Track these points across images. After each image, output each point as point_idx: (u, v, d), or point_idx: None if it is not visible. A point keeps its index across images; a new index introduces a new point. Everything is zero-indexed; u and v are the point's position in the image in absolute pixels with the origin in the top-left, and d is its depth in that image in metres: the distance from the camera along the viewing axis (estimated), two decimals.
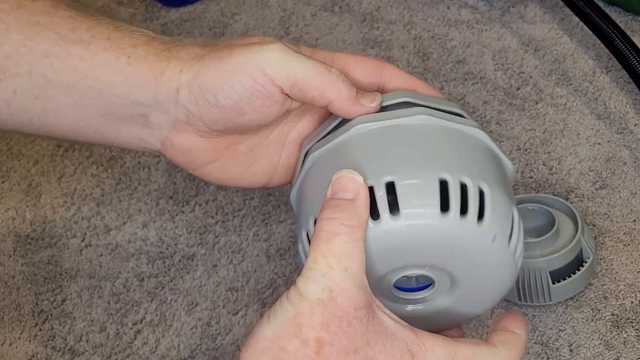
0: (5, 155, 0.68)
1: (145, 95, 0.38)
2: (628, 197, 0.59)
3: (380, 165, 0.37)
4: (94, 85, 0.38)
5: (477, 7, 0.76)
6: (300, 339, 0.33)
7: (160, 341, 0.55)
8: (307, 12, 0.77)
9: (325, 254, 0.34)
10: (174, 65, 0.38)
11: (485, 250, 0.38)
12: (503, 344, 0.37)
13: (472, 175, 0.37)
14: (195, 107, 0.38)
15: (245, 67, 0.37)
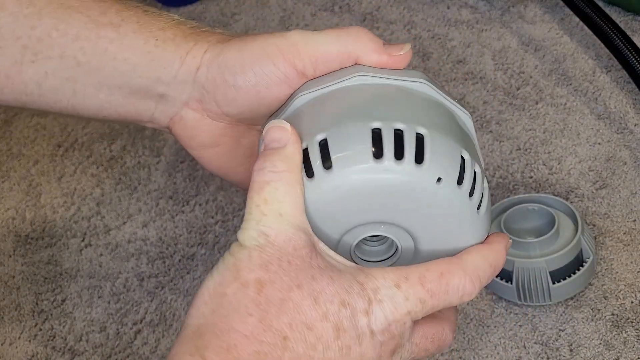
0: (5, 155, 0.68)
1: (168, 74, 0.39)
2: (628, 197, 0.59)
3: (313, 126, 0.36)
4: (120, 67, 0.39)
5: (477, 7, 0.76)
6: (239, 282, 0.33)
7: (160, 341, 0.55)
8: (307, 12, 0.77)
9: (258, 203, 0.33)
10: (200, 46, 0.39)
11: (431, 195, 0.36)
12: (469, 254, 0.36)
13: (407, 121, 0.36)
14: (212, 86, 0.38)
15: (267, 51, 0.37)
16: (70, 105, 0.40)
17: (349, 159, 0.35)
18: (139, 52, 0.38)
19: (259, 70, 0.37)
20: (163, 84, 0.39)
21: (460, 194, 0.36)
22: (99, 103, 0.40)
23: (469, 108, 0.67)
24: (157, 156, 0.66)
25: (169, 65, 0.39)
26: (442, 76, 0.70)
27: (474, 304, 0.55)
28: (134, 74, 0.39)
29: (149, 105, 0.40)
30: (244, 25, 0.77)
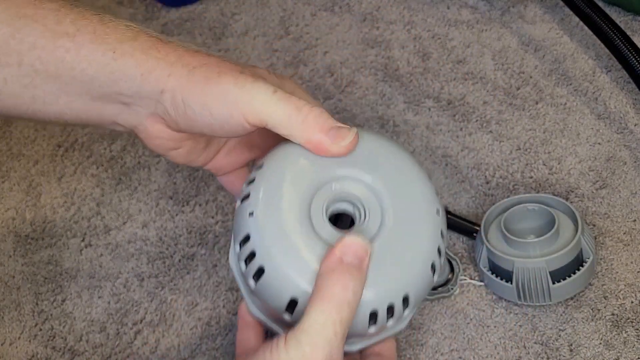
0: (5, 156, 0.68)
1: (129, 89, 0.40)
2: (628, 197, 0.59)
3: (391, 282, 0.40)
4: (79, 77, 0.40)
5: (477, 7, 0.76)
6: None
7: (160, 341, 0.55)
8: (307, 12, 0.77)
9: (335, 321, 0.35)
10: (162, 69, 0.40)
11: None
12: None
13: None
14: (174, 112, 0.41)
15: (226, 102, 0.39)
16: (31, 110, 0.41)
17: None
18: (96, 64, 0.39)
19: (216, 114, 0.40)
20: (126, 96, 0.41)
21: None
22: (59, 109, 0.41)
23: (469, 108, 0.67)
24: (157, 156, 0.66)
25: (130, 80, 0.40)
26: (442, 76, 0.70)
27: (474, 304, 0.55)
28: (93, 84, 0.40)
29: (112, 111, 0.42)
30: (244, 25, 0.77)
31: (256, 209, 0.40)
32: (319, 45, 0.74)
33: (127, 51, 0.39)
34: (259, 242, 0.39)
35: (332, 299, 0.35)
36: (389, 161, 0.43)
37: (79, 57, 0.39)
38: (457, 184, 0.62)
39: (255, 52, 0.74)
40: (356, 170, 0.42)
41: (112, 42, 0.39)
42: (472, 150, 0.64)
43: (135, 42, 0.40)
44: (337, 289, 0.36)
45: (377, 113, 0.68)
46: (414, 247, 0.40)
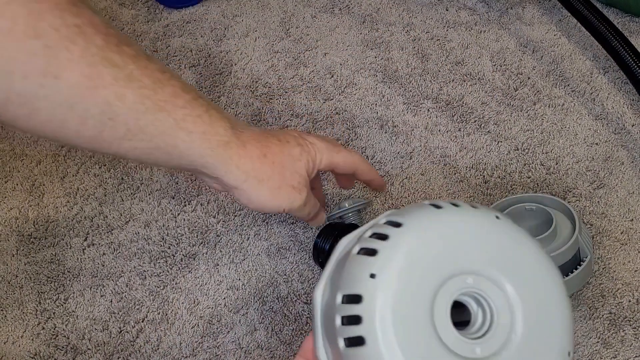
0: (8, 156, 0.68)
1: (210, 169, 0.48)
2: (625, 197, 0.60)
3: None
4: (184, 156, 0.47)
5: (476, 9, 0.76)
6: None
7: (162, 339, 0.56)
8: (307, 14, 0.78)
9: None
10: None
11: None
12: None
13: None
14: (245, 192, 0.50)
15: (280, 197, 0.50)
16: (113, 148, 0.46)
17: None
18: (197, 154, 0.47)
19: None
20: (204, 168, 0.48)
21: None
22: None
23: (467, 109, 0.68)
24: None
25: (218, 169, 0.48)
26: (440, 77, 0.70)
27: None
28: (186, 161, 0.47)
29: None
30: (245, 27, 0.77)
31: (382, 274, 0.35)
32: (319, 46, 0.75)
33: (219, 153, 0.47)
34: (371, 312, 0.34)
35: None
36: (533, 272, 0.37)
37: (192, 146, 0.46)
38: (455, 183, 0.62)
39: (256, 53, 0.75)
40: (495, 271, 0.37)
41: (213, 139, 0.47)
42: (471, 151, 0.64)
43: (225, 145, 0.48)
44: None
45: (376, 114, 0.68)
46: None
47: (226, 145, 0.48)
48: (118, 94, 0.42)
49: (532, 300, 0.37)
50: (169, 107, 0.45)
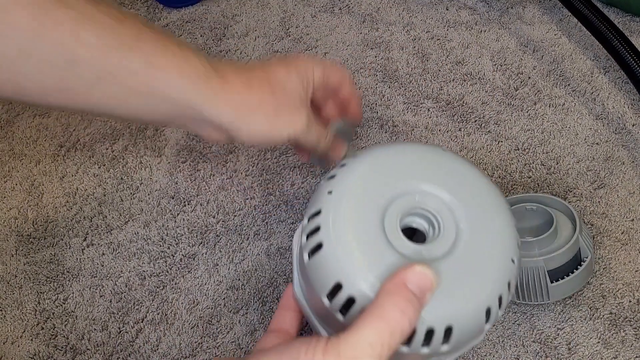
0: (7, 155, 0.68)
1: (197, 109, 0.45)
2: (626, 197, 0.60)
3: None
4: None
5: (476, 8, 0.76)
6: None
7: (161, 339, 0.56)
8: (307, 13, 0.78)
9: (384, 345, 0.34)
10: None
11: None
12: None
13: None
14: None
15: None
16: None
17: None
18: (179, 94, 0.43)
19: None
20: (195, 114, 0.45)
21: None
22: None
23: (467, 109, 0.68)
24: (159, 156, 0.66)
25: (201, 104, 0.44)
26: (441, 77, 0.70)
27: None
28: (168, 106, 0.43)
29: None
30: (244, 27, 0.77)
31: (335, 189, 0.40)
32: (319, 46, 0.75)
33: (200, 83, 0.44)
34: (326, 219, 0.39)
35: (389, 322, 0.34)
36: (475, 189, 0.42)
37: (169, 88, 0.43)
38: None
39: (256, 53, 0.75)
40: (438, 188, 0.41)
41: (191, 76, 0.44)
42: (471, 150, 0.64)
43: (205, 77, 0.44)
44: (397, 314, 0.34)
45: (376, 113, 0.68)
46: (474, 285, 0.38)
47: (207, 80, 0.44)
48: (75, 34, 0.38)
49: (476, 212, 0.41)
50: (137, 45, 0.41)
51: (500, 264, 0.39)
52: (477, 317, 0.38)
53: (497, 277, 0.39)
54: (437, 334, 0.37)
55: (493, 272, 0.39)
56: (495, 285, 0.39)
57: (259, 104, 0.45)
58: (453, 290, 0.38)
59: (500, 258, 0.39)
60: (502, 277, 0.39)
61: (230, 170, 0.65)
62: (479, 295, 0.38)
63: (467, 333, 0.38)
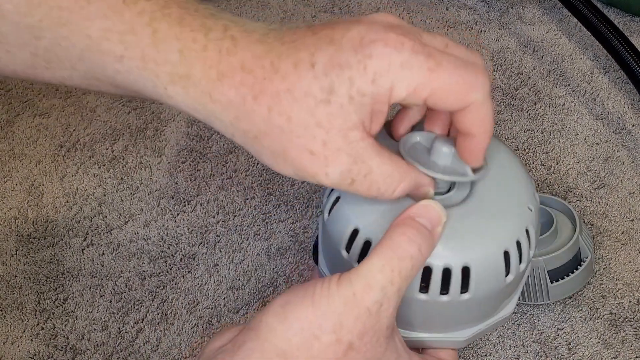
0: (7, 155, 0.68)
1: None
2: (626, 197, 0.60)
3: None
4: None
5: (476, 8, 0.76)
6: (336, 337, 0.33)
7: (161, 339, 0.56)
8: (307, 14, 0.78)
9: (393, 269, 0.33)
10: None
11: None
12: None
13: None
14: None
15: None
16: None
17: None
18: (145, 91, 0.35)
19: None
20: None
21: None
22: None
23: None
24: (159, 156, 0.66)
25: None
26: None
27: None
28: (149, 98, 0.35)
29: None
30: None
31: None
32: None
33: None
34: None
35: (396, 249, 0.34)
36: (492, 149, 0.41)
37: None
38: None
39: None
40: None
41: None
42: None
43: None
44: (403, 241, 0.34)
45: None
46: (490, 227, 0.38)
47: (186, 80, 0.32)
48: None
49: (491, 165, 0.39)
50: (76, 19, 0.32)
51: (516, 210, 0.39)
52: (495, 260, 0.37)
53: (514, 222, 0.38)
54: (455, 275, 0.37)
55: (509, 217, 0.38)
56: (511, 228, 0.38)
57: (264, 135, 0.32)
58: (469, 232, 0.37)
59: (517, 204, 0.39)
60: (519, 222, 0.38)
61: (230, 170, 0.65)
62: (495, 237, 0.38)
63: (487, 279, 0.38)
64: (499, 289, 0.39)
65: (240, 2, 0.80)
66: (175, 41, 0.32)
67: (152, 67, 0.33)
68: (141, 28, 0.32)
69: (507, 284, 0.39)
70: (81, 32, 0.33)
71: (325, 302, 0.33)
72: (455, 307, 0.38)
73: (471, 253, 0.37)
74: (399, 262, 0.34)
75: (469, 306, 0.39)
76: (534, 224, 0.40)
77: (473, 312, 0.40)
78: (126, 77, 0.33)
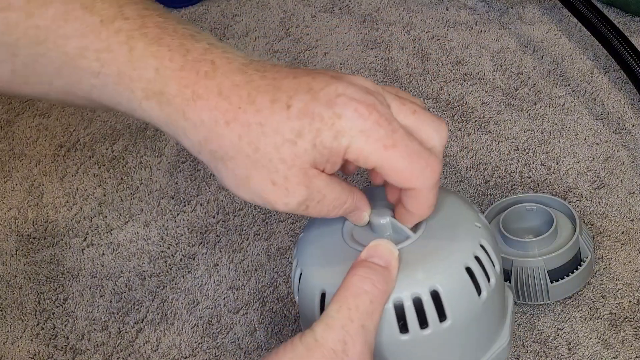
0: (7, 156, 0.68)
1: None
2: (626, 197, 0.60)
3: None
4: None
5: (476, 8, 0.76)
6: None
7: (161, 340, 0.56)
8: (307, 14, 0.78)
9: (350, 307, 0.34)
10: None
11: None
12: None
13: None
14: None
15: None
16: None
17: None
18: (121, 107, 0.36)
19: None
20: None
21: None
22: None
23: (467, 109, 0.68)
24: (159, 156, 0.66)
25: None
26: (441, 77, 0.70)
27: None
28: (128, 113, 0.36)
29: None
30: (244, 27, 0.77)
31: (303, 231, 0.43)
32: (319, 46, 0.75)
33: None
34: (299, 253, 0.41)
35: (349, 288, 0.35)
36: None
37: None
38: (455, 183, 0.62)
39: (256, 53, 0.75)
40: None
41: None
42: (471, 151, 0.64)
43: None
44: (355, 279, 0.35)
45: None
46: (444, 249, 0.39)
47: (160, 96, 0.33)
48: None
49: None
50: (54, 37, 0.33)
51: (465, 229, 0.40)
52: (459, 277, 0.38)
53: (466, 239, 0.39)
54: (426, 302, 0.37)
55: (461, 235, 0.39)
56: (465, 244, 0.39)
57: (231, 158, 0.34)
58: (427, 258, 0.38)
59: (464, 224, 0.40)
60: (471, 238, 0.39)
61: None
62: (452, 255, 0.38)
63: (460, 300, 0.38)
64: (477, 310, 0.39)
65: (240, 2, 0.80)
66: (151, 59, 0.34)
67: (128, 83, 0.34)
68: (118, 46, 0.34)
69: (484, 302, 0.39)
70: (58, 50, 0.34)
71: (290, 352, 0.34)
72: (442, 341, 0.38)
73: (435, 275, 0.38)
74: (354, 299, 0.35)
75: (456, 337, 0.39)
76: (488, 240, 0.40)
77: (463, 344, 0.40)
78: (102, 92, 0.35)
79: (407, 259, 0.38)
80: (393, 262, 0.37)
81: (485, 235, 0.41)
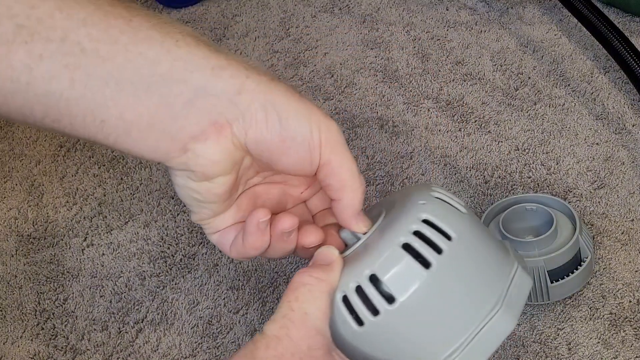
0: (7, 156, 0.68)
1: (196, 79, 0.34)
2: (626, 197, 0.60)
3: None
4: (134, 60, 0.33)
5: (476, 9, 0.76)
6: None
7: (161, 340, 0.56)
8: (307, 14, 0.78)
9: (289, 299, 0.36)
10: (236, 67, 0.35)
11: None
12: None
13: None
14: (251, 118, 0.35)
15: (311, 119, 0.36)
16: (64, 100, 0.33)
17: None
18: (157, 48, 0.33)
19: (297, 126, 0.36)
20: (189, 87, 0.34)
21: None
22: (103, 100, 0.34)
23: (467, 109, 0.68)
24: None
25: (197, 70, 0.34)
26: (441, 77, 0.70)
27: None
28: (151, 70, 0.33)
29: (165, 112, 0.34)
30: (244, 27, 0.77)
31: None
32: (319, 46, 0.75)
33: (190, 43, 0.34)
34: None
35: (289, 285, 0.37)
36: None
37: (136, 39, 0.33)
38: (455, 183, 0.62)
39: (256, 53, 0.75)
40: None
41: (172, 32, 0.34)
42: (471, 151, 0.64)
43: (197, 39, 0.34)
44: (295, 277, 0.37)
45: (376, 114, 0.68)
46: (380, 233, 0.39)
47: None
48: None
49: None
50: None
51: (404, 210, 0.39)
52: (395, 256, 0.37)
53: (400, 219, 0.38)
54: (367, 287, 0.37)
55: (396, 218, 0.39)
56: (399, 224, 0.38)
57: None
58: (366, 251, 0.39)
59: (406, 206, 0.39)
60: (407, 217, 0.38)
61: None
62: (383, 238, 0.38)
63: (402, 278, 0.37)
64: (430, 282, 0.37)
65: (240, 2, 0.80)
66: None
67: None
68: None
69: (438, 271, 0.37)
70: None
71: (241, 351, 0.35)
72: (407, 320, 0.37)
73: (373, 261, 0.37)
74: (294, 292, 0.36)
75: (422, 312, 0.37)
76: (434, 212, 0.38)
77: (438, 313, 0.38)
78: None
79: (355, 257, 0.39)
80: (335, 259, 0.38)
81: (430, 208, 0.38)
